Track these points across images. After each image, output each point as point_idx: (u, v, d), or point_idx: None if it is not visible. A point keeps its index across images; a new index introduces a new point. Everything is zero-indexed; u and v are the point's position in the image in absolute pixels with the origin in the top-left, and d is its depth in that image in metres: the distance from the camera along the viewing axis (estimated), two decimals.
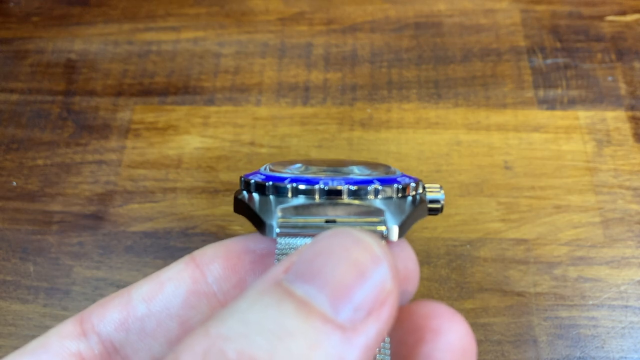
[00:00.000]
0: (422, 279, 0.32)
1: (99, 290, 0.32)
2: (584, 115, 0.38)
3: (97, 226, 0.35)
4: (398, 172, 0.20)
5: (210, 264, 0.18)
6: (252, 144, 0.38)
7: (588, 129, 0.37)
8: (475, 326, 0.31)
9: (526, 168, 0.36)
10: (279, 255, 0.16)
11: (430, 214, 0.20)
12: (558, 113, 0.38)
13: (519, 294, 0.32)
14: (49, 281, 0.33)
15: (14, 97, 0.41)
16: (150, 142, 0.38)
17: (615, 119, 0.38)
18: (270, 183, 0.17)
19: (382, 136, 0.37)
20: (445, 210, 0.34)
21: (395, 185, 0.17)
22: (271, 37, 0.42)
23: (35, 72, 0.42)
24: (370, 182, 0.17)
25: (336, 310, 0.12)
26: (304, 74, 0.41)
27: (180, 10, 0.44)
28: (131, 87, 0.40)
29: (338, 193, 0.17)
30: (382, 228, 0.17)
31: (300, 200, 0.17)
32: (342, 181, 0.17)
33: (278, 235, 0.17)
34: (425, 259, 0.33)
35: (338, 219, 0.17)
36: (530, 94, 0.39)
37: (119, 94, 0.40)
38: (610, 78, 0.39)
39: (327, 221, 0.17)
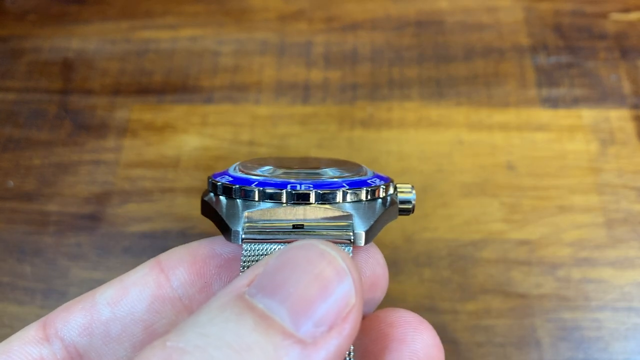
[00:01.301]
0: (423, 280, 0.32)
1: None
2: (587, 114, 0.37)
3: (94, 227, 0.34)
4: (370, 173, 0.20)
5: (175, 268, 0.18)
6: (251, 143, 0.37)
7: (591, 128, 0.37)
8: (477, 328, 0.31)
9: (529, 168, 0.35)
10: (244, 262, 0.16)
11: (401, 215, 0.19)
12: (561, 112, 0.38)
13: (522, 296, 0.31)
14: (45, 282, 0.33)
15: (11, 96, 0.40)
16: (148, 141, 0.37)
17: (618, 118, 0.37)
18: (237, 186, 0.17)
19: (383, 136, 0.37)
20: (447, 210, 0.34)
21: (364, 188, 0.17)
22: (270, 35, 0.42)
23: (31, 70, 0.41)
24: (339, 185, 0.17)
25: (297, 325, 0.12)
26: (304, 73, 0.40)
27: (179, 8, 0.44)
28: (129, 86, 0.40)
29: (306, 197, 0.16)
30: (349, 234, 0.16)
31: (268, 204, 0.17)
32: (310, 185, 0.17)
33: (243, 241, 0.16)
34: (426, 260, 0.33)
35: (306, 223, 0.17)
36: (533, 92, 0.38)
37: (117, 92, 0.40)
38: (613, 76, 0.39)
39: (294, 226, 0.17)
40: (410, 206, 0.19)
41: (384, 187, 0.18)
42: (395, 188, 0.19)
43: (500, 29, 0.42)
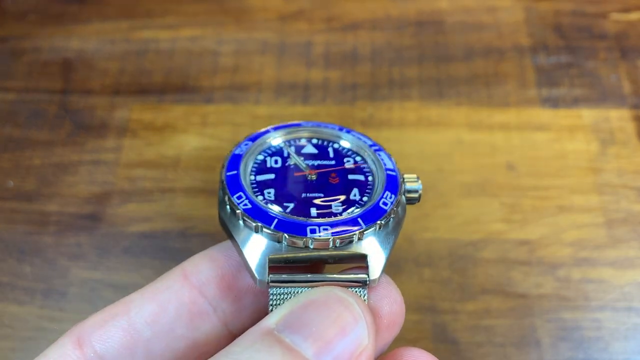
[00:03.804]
0: (424, 280, 0.32)
1: (96, 292, 0.32)
2: (587, 114, 0.37)
3: (94, 227, 0.34)
4: (377, 173, 0.20)
5: (207, 286, 0.19)
6: None
7: (591, 128, 0.37)
8: (477, 328, 0.31)
9: (529, 168, 0.35)
10: (272, 304, 0.18)
11: (408, 204, 0.21)
12: (561, 112, 0.38)
13: (522, 296, 0.31)
14: (45, 282, 0.33)
15: (10, 96, 0.40)
16: (148, 141, 0.37)
17: (618, 117, 0.37)
18: (259, 225, 0.18)
19: (383, 135, 0.37)
20: (447, 210, 0.34)
21: (378, 222, 0.19)
22: (270, 35, 0.42)
23: (31, 70, 0.41)
24: (354, 222, 0.18)
25: (318, 358, 0.14)
26: (304, 73, 0.40)
27: (178, 8, 0.44)
28: (129, 86, 0.40)
29: (325, 243, 0.18)
30: (365, 277, 0.18)
31: (289, 247, 0.18)
32: (328, 227, 0.18)
33: (269, 286, 0.18)
34: (427, 260, 0.33)
35: (324, 259, 0.18)
36: (533, 92, 0.38)
37: (117, 92, 0.40)
38: (613, 76, 0.39)
39: (313, 265, 0.18)
40: (417, 195, 0.21)
41: (396, 206, 0.19)
42: (403, 180, 0.20)
43: (500, 29, 0.42)
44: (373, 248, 0.18)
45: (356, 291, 0.18)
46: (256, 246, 0.18)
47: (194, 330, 0.19)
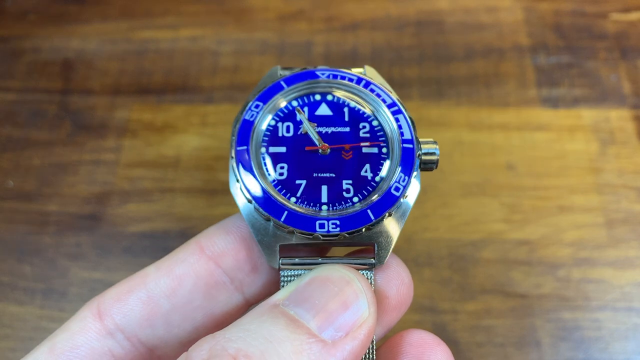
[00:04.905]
0: (424, 280, 0.32)
1: (96, 292, 0.32)
2: (587, 114, 0.37)
3: (94, 226, 0.34)
4: (394, 142, 0.20)
5: (223, 257, 0.20)
6: None
7: (591, 128, 0.37)
8: (477, 328, 0.31)
9: (529, 168, 0.35)
10: (283, 282, 0.19)
11: (424, 170, 0.20)
12: (561, 112, 0.38)
13: (522, 296, 0.31)
14: (45, 282, 0.33)
15: (10, 96, 0.40)
16: (148, 141, 0.37)
17: (619, 117, 0.37)
18: (272, 218, 0.18)
19: None
20: (447, 210, 0.34)
21: (387, 212, 0.19)
22: (270, 35, 0.42)
23: (31, 70, 0.41)
24: (364, 216, 0.18)
25: (320, 329, 0.16)
26: None
27: (179, 8, 0.44)
28: (129, 86, 0.40)
29: (334, 236, 0.18)
30: (372, 260, 0.19)
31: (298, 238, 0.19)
32: (337, 221, 0.18)
33: (280, 269, 0.19)
34: (427, 260, 0.33)
35: (332, 247, 0.19)
36: (533, 92, 0.38)
37: (117, 92, 0.40)
38: (613, 76, 0.39)
39: (321, 251, 0.19)
40: (434, 165, 0.20)
41: (407, 191, 0.19)
42: (420, 154, 0.20)
43: (500, 29, 0.42)
44: (381, 235, 0.19)
45: (362, 273, 0.19)
46: (266, 233, 0.19)
47: (211, 300, 0.20)
